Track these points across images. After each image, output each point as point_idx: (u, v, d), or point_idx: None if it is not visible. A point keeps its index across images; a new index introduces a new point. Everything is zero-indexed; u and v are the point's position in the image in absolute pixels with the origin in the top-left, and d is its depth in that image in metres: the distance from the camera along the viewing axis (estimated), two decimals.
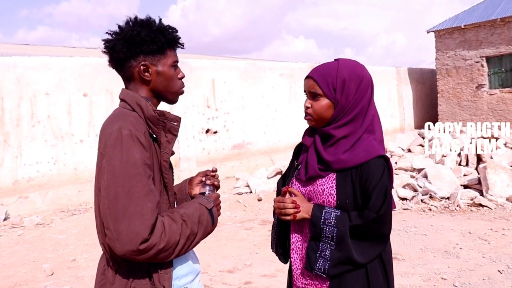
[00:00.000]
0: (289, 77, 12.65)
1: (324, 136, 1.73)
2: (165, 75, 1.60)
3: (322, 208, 1.66)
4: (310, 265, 1.65)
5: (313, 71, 1.76)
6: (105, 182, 1.40)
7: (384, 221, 1.62)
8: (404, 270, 4.36)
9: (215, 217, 1.61)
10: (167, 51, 1.61)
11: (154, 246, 1.37)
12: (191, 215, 1.51)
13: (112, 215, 1.37)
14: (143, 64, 1.56)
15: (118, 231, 1.35)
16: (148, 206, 1.38)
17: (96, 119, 8.78)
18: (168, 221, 1.43)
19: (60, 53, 14.05)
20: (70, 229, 6.67)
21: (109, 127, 1.47)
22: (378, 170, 1.63)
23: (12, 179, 7.80)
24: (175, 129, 1.59)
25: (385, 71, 16.72)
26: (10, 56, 8.20)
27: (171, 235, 1.41)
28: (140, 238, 1.34)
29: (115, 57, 1.58)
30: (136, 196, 1.37)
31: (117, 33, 1.58)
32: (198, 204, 1.58)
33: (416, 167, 8.07)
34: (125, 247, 1.35)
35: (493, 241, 5.09)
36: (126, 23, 1.59)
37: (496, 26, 15.40)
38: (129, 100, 1.56)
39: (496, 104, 15.51)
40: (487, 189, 6.67)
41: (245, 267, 4.70)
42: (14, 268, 5.05)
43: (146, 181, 1.41)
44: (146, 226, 1.35)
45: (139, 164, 1.40)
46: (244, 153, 11.36)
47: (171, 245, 1.41)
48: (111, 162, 1.40)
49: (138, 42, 1.54)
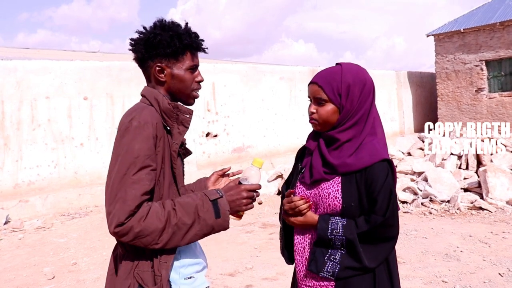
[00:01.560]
0: (289, 81, 12.67)
1: (329, 140, 1.74)
2: (179, 78, 1.67)
3: (328, 219, 1.68)
4: (316, 268, 1.66)
5: (317, 77, 1.76)
6: (110, 167, 1.52)
7: (391, 223, 1.64)
8: (405, 273, 4.36)
9: (221, 209, 1.56)
10: (184, 55, 1.67)
11: (130, 229, 1.43)
12: (185, 205, 1.52)
13: (107, 197, 1.48)
14: (158, 65, 1.65)
15: (108, 212, 1.47)
16: (131, 193, 1.44)
17: (97, 122, 8.79)
18: (155, 208, 1.48)
19: (60, 56, 14.08)
20: (71, 232, 6.67)
21: (123, 119, 1.57)
22: (382, 173, 1.65)
23: (13, 183, 7.80)
24: (186, 121, 1.66)
25: (385, 74, 16.74)
26: (10, 60, 8.22)
27: (150, 220, 1.45)
28: (117, 221, 1.42)
29: (136, 57, 1.69)
30: (125, 183, 1.45)
31: (140, 34, 1.68)
32: (201, 195, 1.58)
33: (416, 171, 8.07)
34: (109, 228, 1.46)
35: (494, 244, 5.09)
36: (152, 25, 1.68)
37: (495, 30, 15.44)
38: (148, 96, 1.66)
39: (496, 108, 15.54)
40: (487, 192, 6.67)
41: (246, 270, 4.70)
42: (15, 271, 5.04)
43: (139, 170, 1.47)
44: (124, 211, 1.43)
45: (136, 155, 1.48)
46: (244, 156, 11.37)
47: (150, 230, 1.45)
48: (116, 149, 1.52)
49: (154, 45, 1.62)
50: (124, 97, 9.10)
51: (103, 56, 17.28)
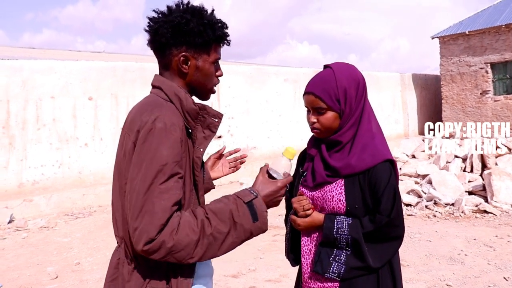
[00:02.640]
0: (294, 82, 12.66)
1: (331, 144, 1.74)
2: (204, 71, 1.51)
3: (334, 218, 1.67)
4: (322, 269, 1.66)
5: (312, 86, 1.74)
6: (131, 174, 1.33)
7: (396, 223, 1.64)
8: (409, 276, 4.34)
9: (258, 211, 1.39)
10: (212, 47, 1.50)
11: (162, 245, 1.26)
12: (219, 211, 1.35)
13: (131, 211, 1.30)
14: (184, 55, 1.46)
15: (133, 228, 1.28)
16: (161, 205, 1.27)
17: (101, 123, 8.81)
18: (186, 218, 1.31)
19: (65, 56, 14.13)
20: (74, 232, 6.68)
21: (144, 116, 1.37)
22: (385, 174, 1.65)
23: (17, 182, 7.82)
24: (214, 125, 1.49)
25: (389, 76, 16.71)
26: (16, 60, 8.25)
27: (184, 233, 1.28)
28: (146, 237, 1.25)
29: (156, 40, 1.47)
30: (153, 194, 1.28)
31: (165, 15, 1.47)
32: (233, 198, 1.40)
33: (420, 173, 8.05)
34: (136, 246, 1.28)
35: (498, 248, 5.06)
36: (176, 6, 1.49)
37: (500, 33, 15.39)
38: (166, 89, 1.46)
39: (501, 111, 15.48)
40: (492, 195, 6.64)
41: (249, 272, 4.69)
42: (19, 271, 5.06)
43: (168, 178, 1.30)
44: (154, 225, 1.25)
45: (165, 161, 1.30)
46: (248, 157, 11.31)
47: (185, 244, 1.28)
48: (140, 155, 1.32)
49: (184, 32, 1.43)
50: (128, 97, 9.12)
51: (108, 56, 17.33)
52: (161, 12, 1.49)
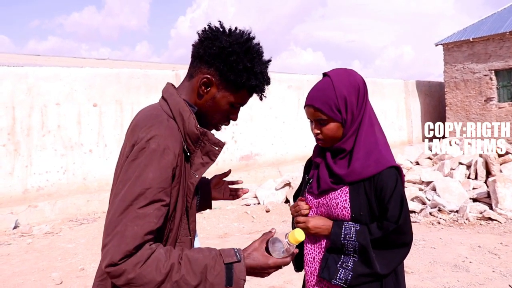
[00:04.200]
0: (297, 89, 12.69)
1: (335, 151, 1.74)
2: (218, 105, 1.43)
3: (341, 224, 1.67)
4: (329, 275, 1.64)
5: (311, 98, 1.72)
6: (116, 190, 1.28)
7: (404, 230, 1.62)
8: (413, 283, 4.33)
9: (234, 277, 1.28)
10: (241, 91, 1.43)
11: (123, 273, 1.18)
12: (194, 261, 1.26)
13: (105, 226, 1.24)
14: (208, 78, 1.39)
15: (103, 244, 1.23)
16: (133, 230, 1.20)
17: (106, 129, 8.85)
18: (157, 255, 1.22)
19: (70, 63, 14.22)
20: (79, 238, 6.70)
21: (142, 131, 1.31)
22: (392, 180, 1.64)
23: (22, 188, 7.86)
24: (214, 154, 1.41)
25: (393, 83, 16.72)
26: (22, 67, 8.32)
27: (148, 269, 1.19)
28: (110, 260, 1.18)
29: (198, 48, 1.42)
30: (128, 217, 1.21)
31: (224, 32, 1.41)
32: (215, 253, 1.30)
33: (424, 180, 8.03)
34: (102, 263, 1.22)
35: (503, 255, 5.04)
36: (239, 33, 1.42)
37: (505, 40, 15.39)
38: (172, 104, 1.40)
39: (505, 117, 15.44)
40: (497, 202, 6.62)
41: (253, 278, 4.66)
42: (24, 276, 5.07)
43: (147, 204, 1.23)
44: (119, 250, 1.18)
45: (148, 185, 1.23)
46: (252, 164, 11.37)
47: (146, 281, 1.19)
48: (127, 173, 1.26)
49: (225, 60, 1.37)
50: (133, 104, 9.17)
51: (112, 63, 17.43)
52: (223, 27, 1.43)
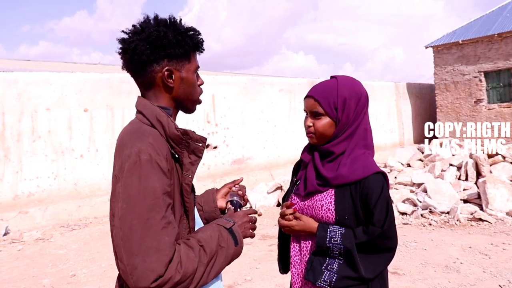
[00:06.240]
0: (289, 93, 12.71)
1: (324, 153, 1.76)
2: (189, 82, 1.48)
3: (327, 227, 1.68)
4: (314, 277, 1.66)
5: (313, 91, 1.78)
6: (120, 211, 1.27)
7: (389, 235, 1.64)
8: (405, 285, 4.35)
9: (237, 236, 1.44)
10: (191, 55, 1.48)
11: (169, 280, 1.22)
12: (209, 239, 1.37)
13: (127, 248, 1.23)
14: (168, 69, 1.42)
15: (132, 265, 1.22)
16: (165, 241, 1.24)
17: (97, 134, 8.81)
18: (185, 249, 1.29)
19: (61, 68, 14.14)
20: (70, 244, 6.66)
21: (127, 148, 1.32)
22: (378, 185, 1.66)
23: (13, 194, 7.80)
24: (199, 150, 1.46)
25: (384, 86, 16.80)
26: (11, 72, 8.26)
27: (188, 265, 1.27)
28: (155, 275, 1.20)
29: (135, 60, 1.41)
30: (153, 230, 1.23)
31: (138, 33, 1.41)
32: (215, 226, 1.44)
33: (415, 182, 8.08)
34: (138, 284, 1.21)
35: (494, 255, 5.08)
36: (146, 22, 1.44)
37: (493, 42, 15.53)
38: (148, 114, 1.41)
39: (495, 119, 15.56)
40: (487, 203, 6.67)
41: (245, 282, 4.69)
42: (14, 283, 5.03)
43: (165, 212, 1.27)
44: (162, 263, 1.21)
45: (158, 194, 1.26)
46: (244, 168, 11.37)
47: (188, 275, 1.26)
48: (127, 190, 1.26)
49: (164, 45, 1.39)
50: (124, 108, 9.14)
51: (103, 68, 17.37)
52: (132, 31, 1.43)
